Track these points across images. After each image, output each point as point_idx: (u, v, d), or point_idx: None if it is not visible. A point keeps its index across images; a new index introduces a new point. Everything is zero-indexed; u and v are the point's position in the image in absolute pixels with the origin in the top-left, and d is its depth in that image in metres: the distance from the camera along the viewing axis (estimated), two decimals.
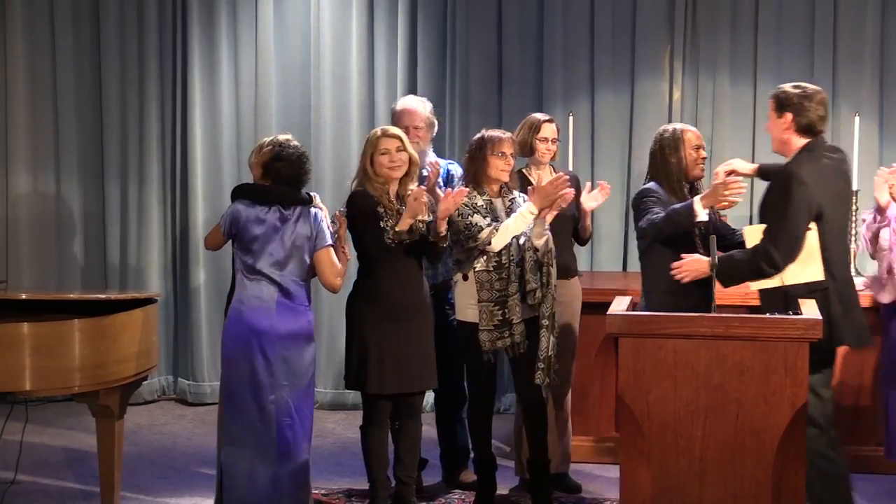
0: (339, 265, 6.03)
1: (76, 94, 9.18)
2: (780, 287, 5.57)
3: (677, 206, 5.96)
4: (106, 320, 6.00)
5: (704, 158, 6.30)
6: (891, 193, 6.41)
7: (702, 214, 5.76)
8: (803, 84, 5.84)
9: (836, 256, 5.69)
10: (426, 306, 6.38)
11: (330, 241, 5.98)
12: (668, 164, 6.20)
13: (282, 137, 6.29)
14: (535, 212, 6.26)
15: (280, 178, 5.99)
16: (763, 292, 5.67)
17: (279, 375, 5.87)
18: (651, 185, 6.28)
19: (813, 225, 5.57)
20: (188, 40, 9.04)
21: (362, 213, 6.32)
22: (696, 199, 5.83)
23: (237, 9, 9.04)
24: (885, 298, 6.47)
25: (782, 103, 5.75)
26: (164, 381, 9.27)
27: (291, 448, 5.87)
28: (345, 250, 6.19)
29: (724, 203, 5.86)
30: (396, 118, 7.06)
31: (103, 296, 6.96)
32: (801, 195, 5.55)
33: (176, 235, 9.21)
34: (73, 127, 9.19)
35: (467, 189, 6.25)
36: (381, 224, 6.22)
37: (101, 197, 9.20)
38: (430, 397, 7.39)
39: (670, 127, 6.39)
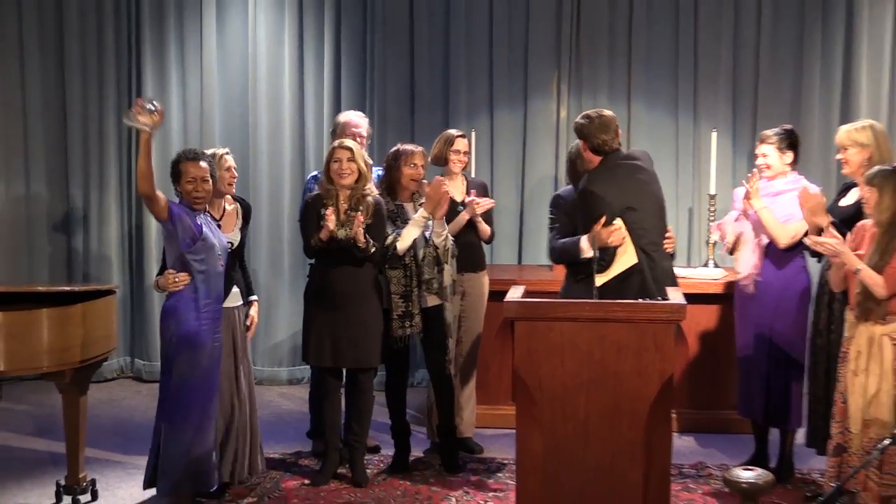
0: None
1: (44, 111, 9.09)
2: (613, 278, 5.59)
3: (568, 241, 5.97)
4: (70, 309, 5.97)
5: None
6: (747, 194, 6.51)
7: (588, 252, 5.70)
8: (591, 113, 5.90)
9: (651, 243, 5.74)
10: (365, 295, 6.37)
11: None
12: (577, 172, 6.25)
13: (220, 151, 6.31)
14: (428, 215, 6.32)
15: None
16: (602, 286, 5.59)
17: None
18: (563, 190, 6.36)
19: (619, 220, 5.62)
20: (142, 64, 8.96)
21: (310, 212, 6.34)
22: (583, 238, 5.80)
23: (185, 37, 8.98)
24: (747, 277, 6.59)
25: (578, 134, 5.89)
26: (123, 362, 9.23)
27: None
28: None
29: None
30: (342, 129, 7.08)
31: (68, 288, 6.91)
32: (597, 206, 5.62)
33: (132, 234, 9.14)
34: (40, 139, 9.10)
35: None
36: (322, 223, 6.25)
37: (66, 200, 9.12)
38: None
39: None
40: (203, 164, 5.87)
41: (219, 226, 6.18)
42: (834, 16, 8.53)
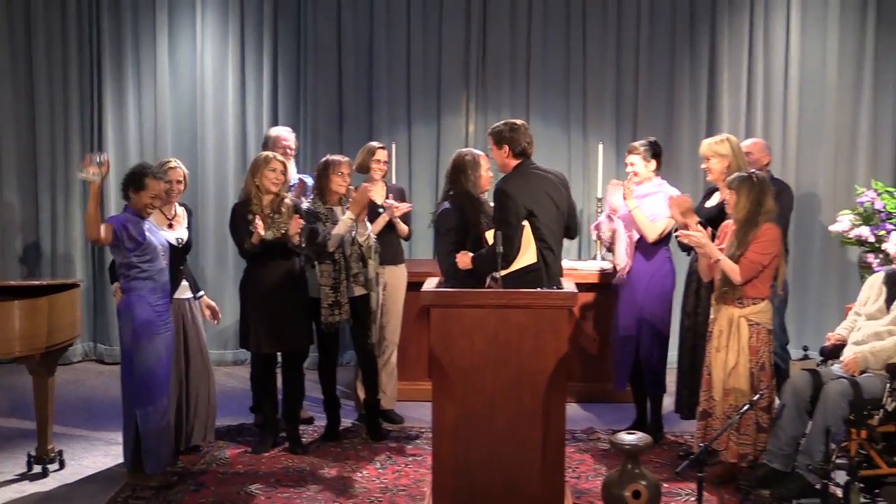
0: None
1: (15, 129, 8.95)
2: (512, 272, 5.56)
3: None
4: (40, 301, 5.93)
5: (491, 177, 6.35)
6: (624, 195, 6.60)
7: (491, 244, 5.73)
8: (513, 121, 5.84)
9: (547, 248, 5.71)
10: (293, 288, 6.37)
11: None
12: (468, 180, 6.26)
13: (172, 163, 6.28)
14: (354, 217, 6.34)
15: None
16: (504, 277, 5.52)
17: None
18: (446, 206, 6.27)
19: (526, 222, 5.62)
20: (103, 84, 8.85)
21: (238, 219, 6.31)
22: (489, 232, 5.82)
23: (140, 61, 8.88)
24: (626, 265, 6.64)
25: (499, 139, 5.74)
26: (87, 346, 9.09)
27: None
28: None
29: None
30: (273, 142, 7.09)
31: (37, 282, 6.81)
32: (509, 205, 5.59)
33: None
34: (13, 153, 8.96)
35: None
36: (250, 228, 6.25)
37: (35, 205, 8.97)
38: None
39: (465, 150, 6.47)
40: (164, 182, 5.90)
41: (170, 225, 6.19)
42: (700, 46, 8.70)
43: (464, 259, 5.84)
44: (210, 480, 6.00)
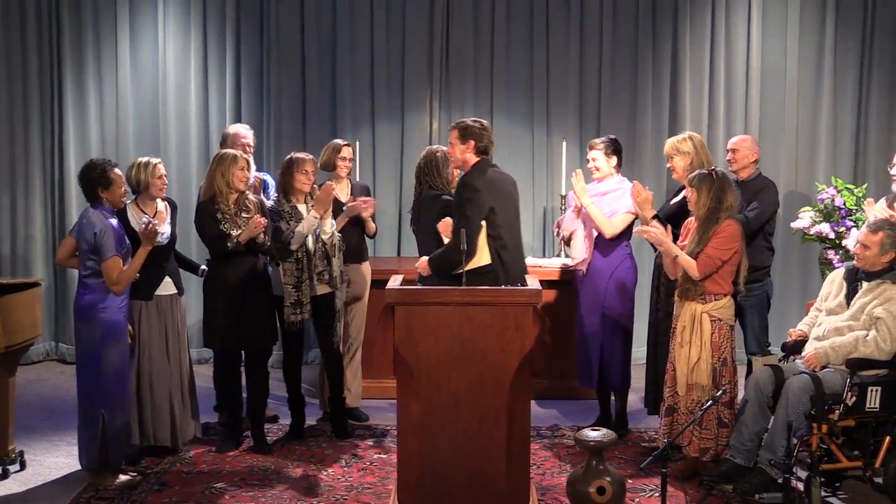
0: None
1: None
2: (468, 272, 5.52)
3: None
4: (1, 300, 5.85)
5: (458, 174, 6.33)
6: (576, 193, 6.61)
7: (445, 238, 5.85)
8: (478, 119, 5.87)
9: (508, 243, 5.73)
10: (257, 286, 6.34)
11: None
12: (440, 176, 6.27)
13: (154, 160, 6.22)
14: (318, 215, 6.33)
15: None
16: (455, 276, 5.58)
17: None
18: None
19: (483, 222, 5.63)
20: (63, 82, 8.77)
21: (207, 217, 6.28)
22: (443, 222, 5.93)
23: (101, 58, 8.80)
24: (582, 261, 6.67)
25: (465, 133, 5.73)
26: (48, 346, 9.01)
27: None
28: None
29: None
30: (232, 140, 7.05)
31: None
32: (476, 199, 5.60)
33: (55, 233, 8.92)
34: None
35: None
36: (221, 226, 6.23)
37: None
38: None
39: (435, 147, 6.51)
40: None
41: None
42: (663, 45, 8.76)
43: (422, 264, 5.83)
44: (174, 480, 5.97)
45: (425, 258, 5.85)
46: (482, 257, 5.65)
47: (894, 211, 6.13)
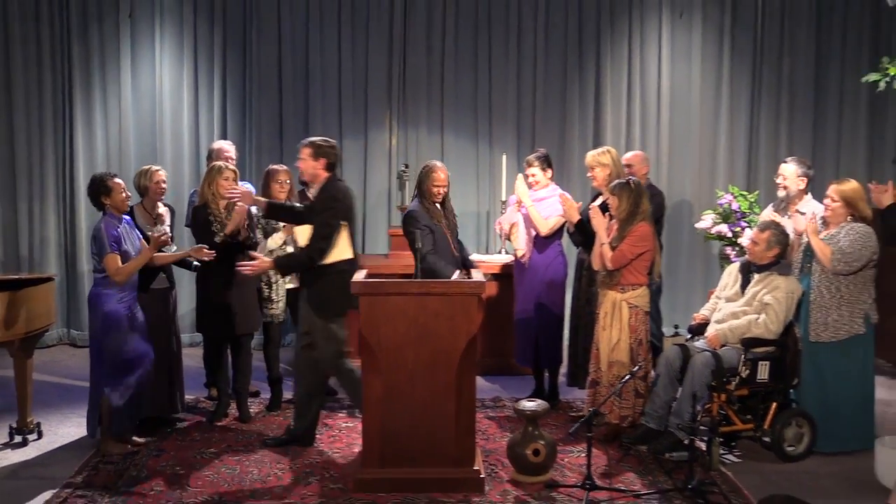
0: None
1: None
2: (328, 265, 5.54)
3: (443, 268, 5.98)
4: (20, 293, 5.82)
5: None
6: (519, 201, 6.60)
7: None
8: (326, 138, 5.79)
9: (355, 245, 5.73)
10: (244, 279, 6.23)
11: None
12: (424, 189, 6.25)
13: (154, 167, 6.29)
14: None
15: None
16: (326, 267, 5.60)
17: None
18: (415, 204, 6.26)
19: (344, 223, 5.62)
20: (73, 104, 8.63)
21: (201, 219, 6.22)
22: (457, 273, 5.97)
23: (106, 84, 8.68)
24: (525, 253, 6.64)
25: (317, 152, 5.65)
26: (61, 332, 8.85)
27: None
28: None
29: None
30: (216, 154, 7.01)
31: (16, 276, 6.61)
32: (336, 207, 5.59)
33: (67, 236, 8.79)
34: None
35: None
36: (213, 228, 6.19)
37: (14, 210, 8.72)
38: None
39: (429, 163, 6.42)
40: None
41: (154, 223, 6.21)
42: (587, 72, 8.79)
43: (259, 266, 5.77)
44: (170, 447, 5.91)
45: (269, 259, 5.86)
46: (342, 252, 5.63)
47: (779, 214, 6.19)
